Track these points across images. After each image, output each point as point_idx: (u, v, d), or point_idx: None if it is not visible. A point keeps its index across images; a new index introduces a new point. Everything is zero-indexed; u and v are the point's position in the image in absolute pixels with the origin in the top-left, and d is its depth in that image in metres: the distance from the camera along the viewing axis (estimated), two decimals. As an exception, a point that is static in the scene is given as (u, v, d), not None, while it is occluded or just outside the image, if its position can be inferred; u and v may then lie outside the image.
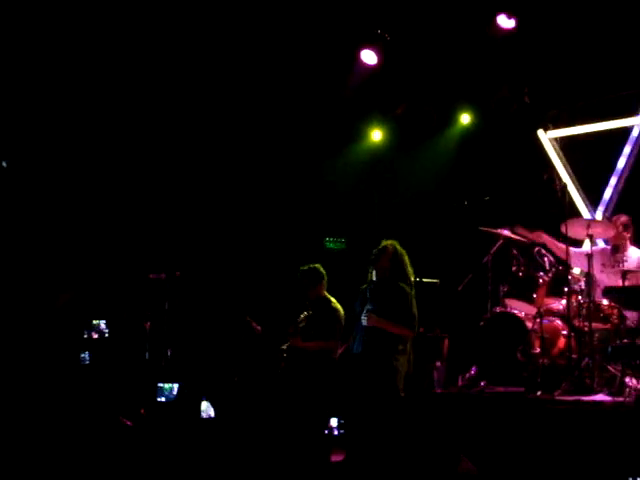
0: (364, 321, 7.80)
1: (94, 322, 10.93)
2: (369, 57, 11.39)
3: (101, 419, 9.55)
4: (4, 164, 11.26)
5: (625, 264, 9.21)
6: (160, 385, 10.22)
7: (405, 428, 7.82)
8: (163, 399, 10.21)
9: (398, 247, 8.09)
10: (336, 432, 9.16)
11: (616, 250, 9.48)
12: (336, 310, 8.99)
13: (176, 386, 10.20)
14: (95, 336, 10.90)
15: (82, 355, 10.74)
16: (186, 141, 12.46)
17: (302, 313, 9.21)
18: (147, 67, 11.72)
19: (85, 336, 10.87)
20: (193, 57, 11.69)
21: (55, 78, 11.52)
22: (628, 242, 9.48)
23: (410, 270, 8.07)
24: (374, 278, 7.98)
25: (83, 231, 11.99)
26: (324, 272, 9.20)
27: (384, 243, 8.12)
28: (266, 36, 11.37)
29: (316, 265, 9.23)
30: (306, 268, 9.17)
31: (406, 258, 8.11)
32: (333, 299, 9.07)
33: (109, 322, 10.90)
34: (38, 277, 11.18)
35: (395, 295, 7.89)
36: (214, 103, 12.20)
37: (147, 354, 10.64)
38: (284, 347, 9.11)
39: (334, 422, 9.20)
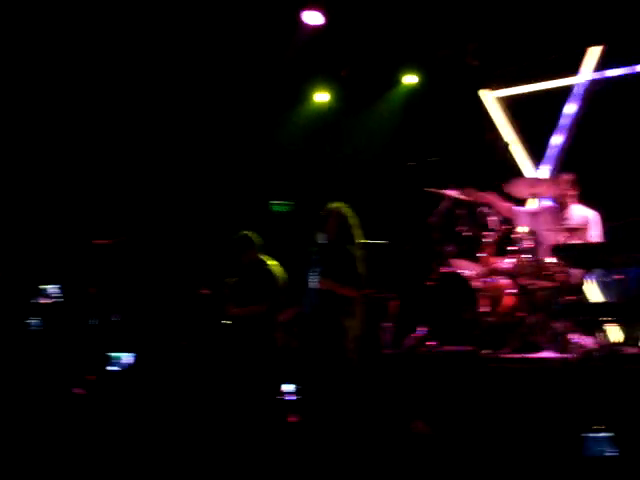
0: (312, 284, 7.81)
1: (41, 287, 10.84)
2: (313, 18, 11.29)
3: (52, 386, 9.50)
4: None
5: (569, 222, 9.29)
6: (110, 354, 10.14)
7: (356, 389, 7.85)
8: (114, 368, 10.14)
9: (345, 210, 8.08)
10: (291, 397, 9.09)
11: (561, 207, 9.54)
12: (270, 272, 8.99)
13: (126, 355, 10.14)
14: (44, 301, 10.82)
15: (32, 321, 10.67)
16: (134, 102, 12.34)
17: (229, 278, 9.21)
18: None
19: (33, 301, 10.79)
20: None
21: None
22: (569, 200, 9.52)
23: (358, 232, 8.07)
24: (320, 241, 7.99)
25: (27, 196, 11.87)
26: (255, 237, 9.18)
27: (330, 206, 8.10)
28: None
29: (246, 232, 9.23)
30: (236, 236, 9.17)
31: (353, 220, 8.11)
32: (270, 261, 9.06)
33: (61, 287, 10.82)
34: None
35: (341, 257, 7.91)
36: (160, 62, 12.05)
37: (93, 320, 10.57)
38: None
39: (289, 388, 9.12)
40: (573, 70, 11.07)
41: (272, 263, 9.05)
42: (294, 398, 8.62)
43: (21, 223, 11.73)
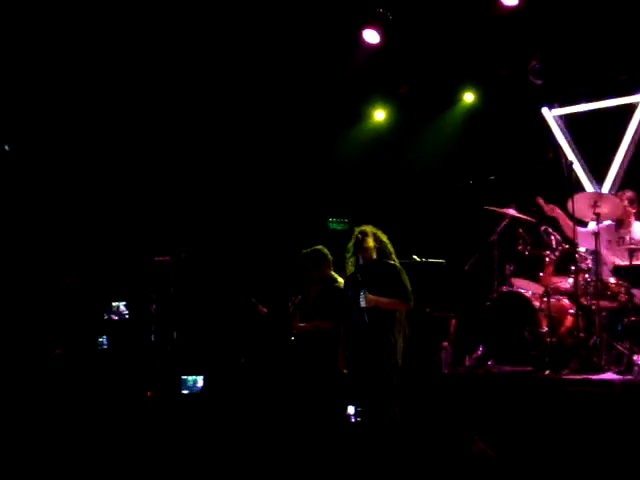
0: (362, 303, 7.80)
1: (114, 304, 10.97)
2: (371, 36, 11.30)
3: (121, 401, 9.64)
4: (7, 147, 11.25)
5: (630, 241, 9.17)
6: (184, 377, 10.23)
7: (410, 407, 7.84)
8: (186, 391, 10.23)
9: (374, 229, 8.16)
10: (353, 419, 8.98)
11: (620, 225, 9.44)
12: (340, 289, 8.88)
13: (200, 378, 10.21)
14: (115, 318, 10.95)
15: (100, 339, 10.79)
16: (191, 125, 12.45)
17: (298, 296, 9.15)
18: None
19: (105, 318, 10.94)
20: (192, 40, 11.66)
21: (55, 74, 11.54)
22: (633, 217, 9.43)
23: (392, 249, 8.13)
24: (360, 262, 8.03)
25: (89, 215, 12.02)
26: (327, 252, 9.17)
27: (361, 228, 8.16)
28: (270, 18, 11.32)
29: (318, 247, 9.21)
30: (308, 250, 9.15)
31: (385, 237, 8.17)
32: (340, 278, 9.04)
33: (129, 304, 10.95)
34: (44, 261, 11.21)
35: (386, 273, 7.95)
36: (218, 86, 12.17)
37: (153, 337, 10.65)
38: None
39: (351, 410, 9.01)
40: (635, 88, 10.95)
41: (341, 280, 9.04)
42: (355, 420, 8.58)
43: (88, 240, 11.90)
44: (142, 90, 12.10)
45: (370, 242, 8.03)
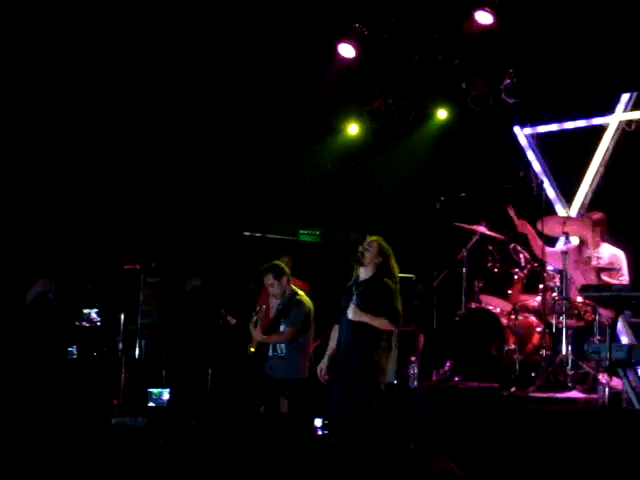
0: (349, 314, 7.79)
1: (85, 311, 10.92)
2: (346, 50, 11.33)
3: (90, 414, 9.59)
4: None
5: (598, 261, 9.27)
6: (150, 390, 10.19)
7: (380, 423, 7.82)
8: (152, 404, 10.19)
9: (384, 243, 8.07)
10: (320, 432, 9.01)
11: (585, 245, 9.49)
12: (300, 302, 8.97)
13: (166, 391, 10.19)
14: (86, 325, 10.91)
15: (70, 349, 10.75)
16: (163, 133, 12.42)
17: (262, 307, 9.15)
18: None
19: (76, 324, 10.90)
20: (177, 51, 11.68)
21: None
22: (599, 239, 9.48)
23: (395, 266, 8.05)
24: (359, 275, 7.99)
25: (59, 222, 11.97)
26: (285, 266, 9.18)
27: (370, 239, 8.08)
28: (243, 29, 11.32)
29: (276, 261, 9.22)
30: (267, 265, 9.16)
31: (391, 254, 8.10)
32: (300, 292, 9.08)
33: (100, 311, 10.91)
34: (15, 268, 11.15)
35: (379, 291, 7.86)
36: (191, 95, 12.15)
37: (120, 345, 10.61)
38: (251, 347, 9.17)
39: (318, 422, 9.05)
40: (607, 110, 11.07)
41: (301, 293, 9.06)
42: (324, 433, 8.58)
43: (62, 247, 11.85)
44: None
45: (368, 257, 7.97)
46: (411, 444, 7.91)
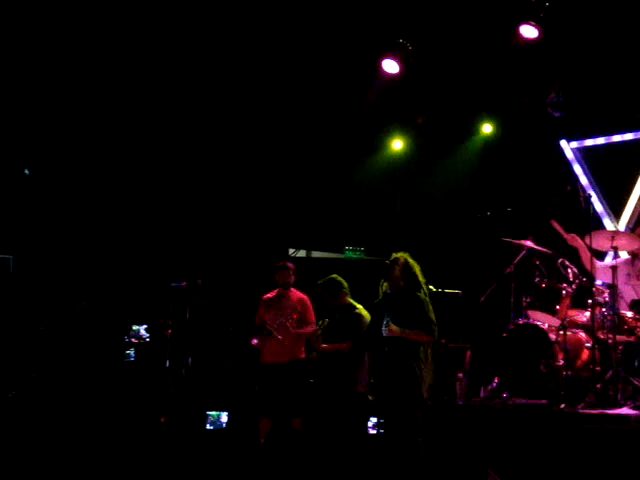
0: (384, 332, 7.80)
1: (134, 327, 11.03)
2: (391, 66, 11.33)
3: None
4: (26, 172, 11.32)
5: (649, 276, 9.16)
6: (208, 413, 10.40)
7: (431, 438, 7.81)
8: (211, 427, 10.38)
9: (409, 258, 8.17)
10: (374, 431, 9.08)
11: (636, 258, 9.40)
12: (359, 315, 9.29)
13: (224, 414, 10.36)
14: (135, 341, 11.02)
15: (127, 352, 10.91)
16: (210, 153, 12.51)
17: (320, 322, 9.56)
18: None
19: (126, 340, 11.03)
20: (221, 71, 11.77)
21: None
22: (650, 253, 9.38)
23: (422, 279, 8.14)
24: (388, 291, 8.05)
25: (105, 240, 12.09)
26: (342, 280, 9.32)
27: (394, 255, 8.17)
28: (290, 46, 11.39)
29: (332, 276, 9.36)
30: (323, 280, 9.31)
31: (417, 268, 8.19)
32: (359, 305, 9.26)
33: (149, 328, 11.04)
34: (62, 286, 11.29)
35: (411, 304, 7.94)
36: (238, 114, 12.24)
37: (168, 362, 10.65)
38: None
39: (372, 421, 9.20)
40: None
41: (359, 307, 9.36)
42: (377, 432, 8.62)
43: (110, 264, 11.98)
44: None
45: (397, 271, 8.02)
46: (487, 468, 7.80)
